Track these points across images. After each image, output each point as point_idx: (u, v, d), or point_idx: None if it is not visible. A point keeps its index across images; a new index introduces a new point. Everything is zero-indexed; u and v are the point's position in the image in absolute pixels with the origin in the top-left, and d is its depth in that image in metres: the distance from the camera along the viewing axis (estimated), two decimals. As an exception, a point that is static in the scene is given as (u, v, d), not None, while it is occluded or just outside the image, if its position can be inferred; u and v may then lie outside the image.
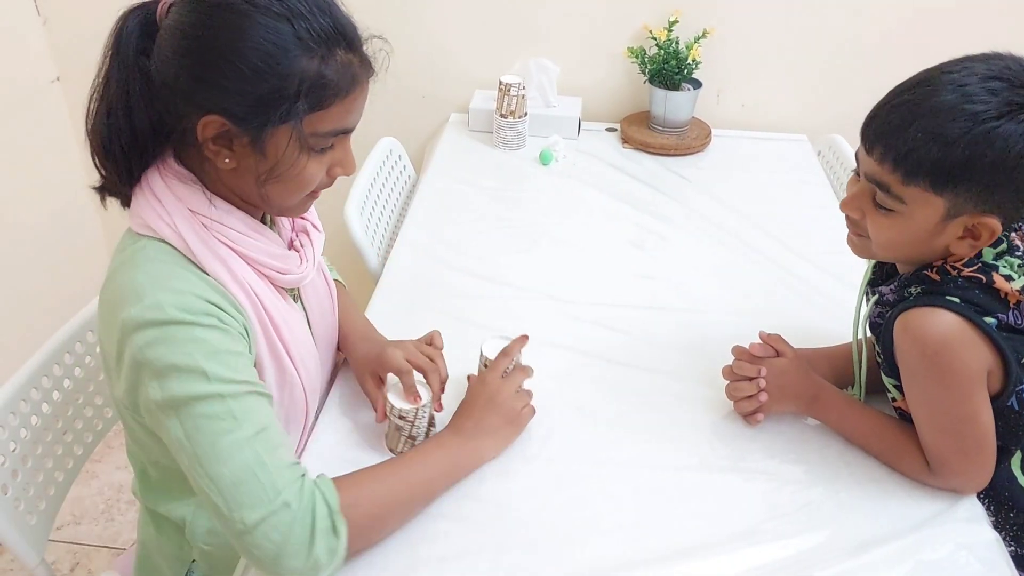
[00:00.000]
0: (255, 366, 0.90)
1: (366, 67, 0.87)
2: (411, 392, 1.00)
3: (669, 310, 1.32)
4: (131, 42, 0.83)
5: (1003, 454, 0.98)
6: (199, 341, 0.80)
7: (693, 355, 1.20)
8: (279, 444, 0.82)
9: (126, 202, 0.89)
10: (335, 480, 0.85)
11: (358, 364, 1.10)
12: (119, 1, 0.86)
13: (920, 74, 0.90)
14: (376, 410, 1.05)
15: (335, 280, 1.22)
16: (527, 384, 1.06)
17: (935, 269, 0.94)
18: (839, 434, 1.06)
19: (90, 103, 0.86)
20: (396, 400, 0.99)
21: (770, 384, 1.05)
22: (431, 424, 1.02)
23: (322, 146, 0.86)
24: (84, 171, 1.96)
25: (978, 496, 1.00)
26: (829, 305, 1.34)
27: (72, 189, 0.79)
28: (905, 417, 1.04)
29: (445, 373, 1.06)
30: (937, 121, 0.85)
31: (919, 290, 0.95)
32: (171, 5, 0.83)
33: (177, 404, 0.79)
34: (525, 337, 1.07)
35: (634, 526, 0.95)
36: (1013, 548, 1.00)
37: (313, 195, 0.92)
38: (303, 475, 0.81)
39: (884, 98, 0.92)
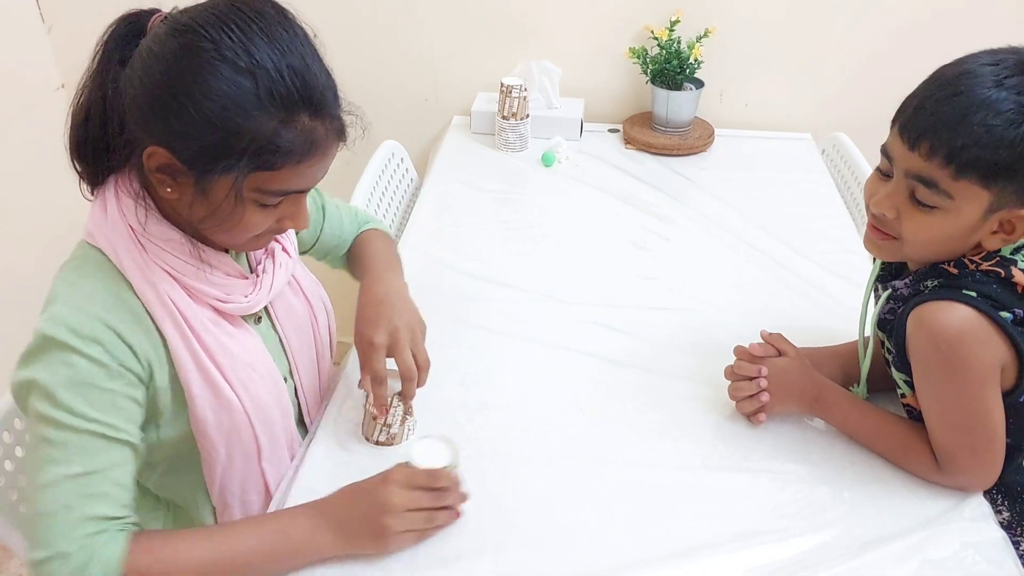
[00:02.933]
0: (187, 392, 0.89)
1: (332, 134, 0.84)
2: (379, 400, 0.98)
3: (672, 311, 1.32)
4: (116, 49, 0.83)
5: (1014, 452, 0.97)
6: (69, 366, 0.80)
7: (696, 355, 1.20)
8: (100, 494, 0.80)
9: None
10: (140, 538, 0.81)
11: (356, 322, 1.04)
12: (123, 8, 0.86)
13: (953, 66, 0.89)
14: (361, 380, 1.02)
15: (372, 228, 1.22)
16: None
17: (953, 262, 0.94)
18: (844, 433, 1.05)
19: (75, 97, 0.86)
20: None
21: (772, 383, 1.04)
22: (408, 413, 1.01)
23: (267, 203, 0.84)
24: (89, 177, 1.98)
25: (991, 494, 1.00)
26: (833, 305, 1.34)
27: (76, 196, 0.79)
28: (913, 415, 1.03)
29: (423, 382, 1.01)
30: (989, 114, 0.84)
31: (935, 283, 0.94)
32: (162, 20, 0.82)
33: (31, 415, 0.81)
34: (464, 496, 0.93)
35: (636, 526, 0.94)
36: None
37: (261, 238, 0.90)
38: (100, 532, 0.79)
39: (922, 91, 0.90)
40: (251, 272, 0.98)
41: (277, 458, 1.01)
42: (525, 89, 1.76)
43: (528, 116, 1.79)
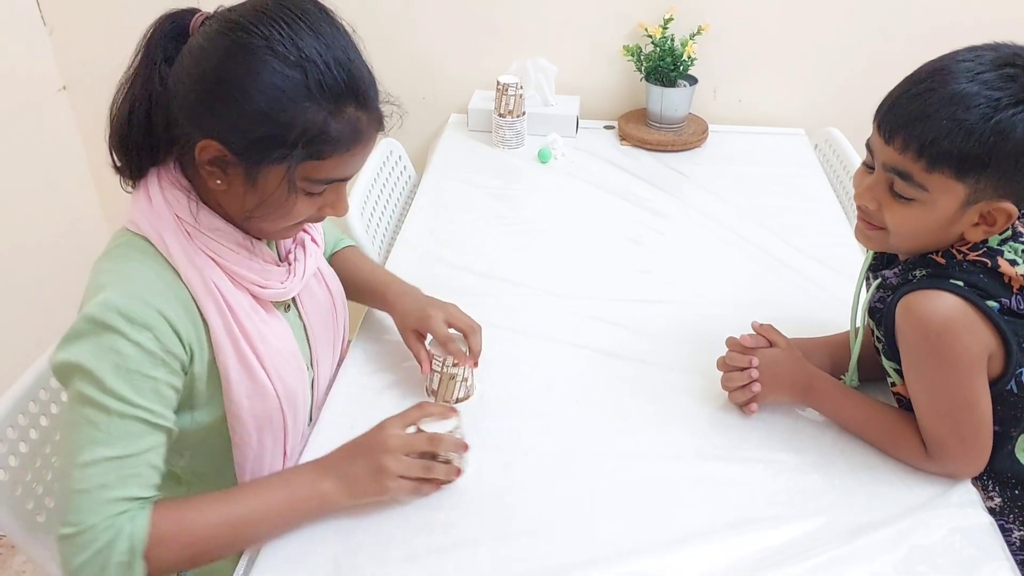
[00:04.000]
0: (224, 377, 0.92)
1: (375, 124, 0.88)
2: (459, 355, 1.06)
3: (666, 304, 1.33)
4: (160, 47, 0.86)
5: (1004, 439, 0.98)
6: (116, 353, 0.82)
7: (690, 347, 1.22)
8: (134, 475, 0.83)
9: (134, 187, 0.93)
10: (160, 509, 0.84)
11: (401, 320, 1.14)
12: (124, 11, 0.89)
13: (933, 63, 0.91)
14: (420, 362, 1.09)
15: (348, 246, 1.26)
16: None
17: (940, 252, 0.95)
18: (834, 422, 1.07)
19: (116, 95, 0.88)
20: (438, 352, 1.07)
21: (764, 374, 1.06)
22: (475, 366, 1.10)
23: (314, 191, 0.88)
24: (91, 179, 2.00)
25: (982, 481, 1.01)
26: (826, 297, 1.35)
27: (79, 197, 0.81)
28: (903, 403, 1.05)
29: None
30: (960, 108, 0.86)
31: (924, 273, 0.96)
32: (205, 19, 0.85)
33: (72, 395, 0.83)
34: (454, 410, 0.97)
35: (631, 515, 0.96)
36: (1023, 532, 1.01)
37: (299, 226, 0.94)
38: (126, 512, 0.82)
39: (899, 87, 0.93)
40: (282, 261, 1.01)
41: (294, 449, 1.04)
42: (521, 87, 1.77)
43: (524, 113, 1.80)
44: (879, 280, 1.02)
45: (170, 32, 0.87)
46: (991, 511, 0.98)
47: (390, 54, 1.94)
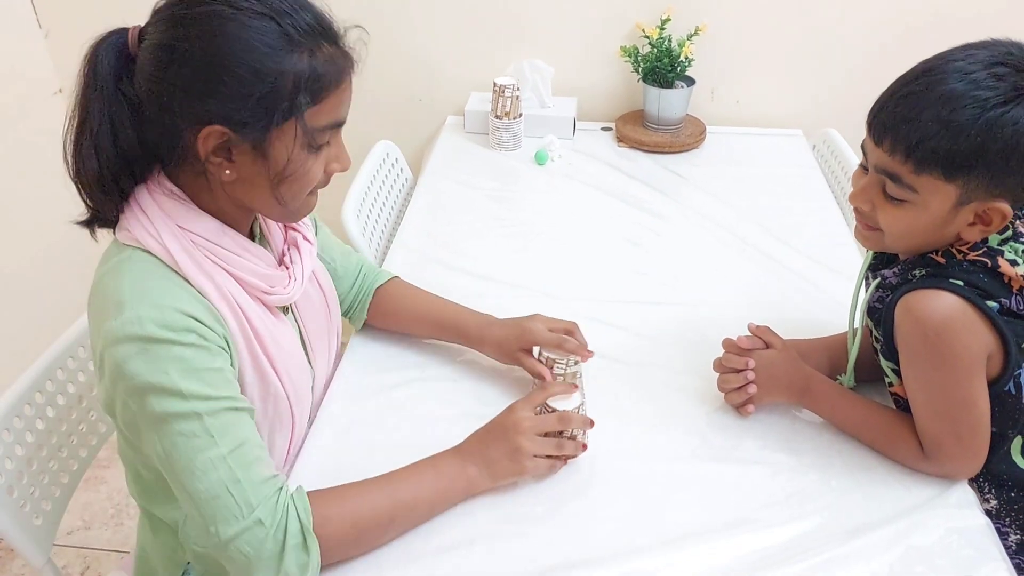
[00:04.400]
0: (237, 379, 0.91)
1: (348, 59, 0.88)
2: (579, 350, 1.08)
3: (664, 305, 1.33)
4: (108, 71, 0.83)
5: (1001, 440, 0.98)
6: (177, 360, 0.81)
7: (688, 348, 1.22)
8: (256, 459, 0.83)
9: (114, 227, 0.90)
10: (316, 493, 0.86)
11: (501, 347, 1.14)
12: (121, 14, 0.88)
13: (924, 63, 0.91)
14: (544, 377, 1.08)
15: (392, 278, 1.25)
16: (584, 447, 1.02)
17: (940, 252, 0.95)
18: (831, 423, 1.07)
19: (66, 137, 0.85)
20: (556, 355, 1.08)
21: (760, 375, 1.06)
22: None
23: (320, 142, 0.87)
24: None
25: (979, 483, 1.01)
26: (824, 298, 1.35)
27: (74, 201, 0.80)
28: (900, 404, 1.05)
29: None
30: (946, 109, 0.85)
31: (923, 272, 0.96)
32: (143, 30, 0.83)
33: (155, 421, 0.81)
34: (576, 387, 1.02)
35: (628, 515, 0.96)
36: (1020, 536, 1.00)
37: (314, 195, 0.93)
38: (280, 489, 0.83)
39: (889, 88, 0.92)
40: (279, 264, 1.01)
41: (295, 449, 1.04)
42: (518, 88, 1.77)
43: (521, 115, 1.80)
44: (878, 280, 1.02)
45: (113, 54, 0.84)
46: (987, 513, 0.98)
47: (386, 55, 1.95)
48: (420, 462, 0.95)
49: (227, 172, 0.85)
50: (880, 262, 1.06)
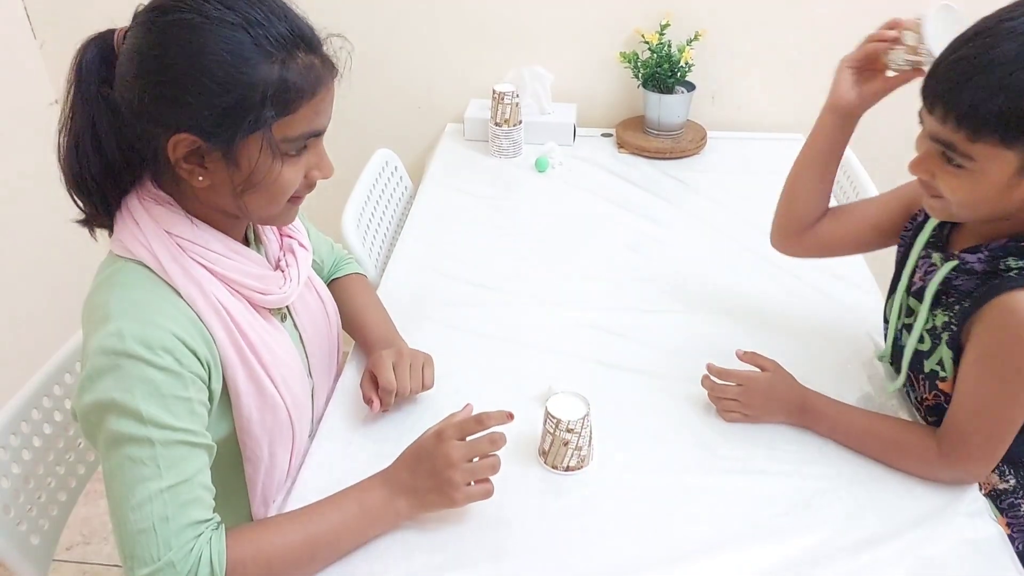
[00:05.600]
0: (233, 391, 0.90)
1: (328, 67, 0.87)
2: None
3: (667, 313, 1.32)
4: (92, 73, 0.83)
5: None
6: (145, 381, 0.80)
7: (691, 357, 1.20)
8: (194, 499, 0.82)
9: (112, 231, 0.90)
10: (234, 533, 0.84)
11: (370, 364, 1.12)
12: (115, 25, 0.87)
13: (978, 24, 0.86)
14: (370, 404, 1.06)
15: (355, 273, 1.24)
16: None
17: None
18: (833, 439, 1.05)
19: (59, 137, 0.86)
20: (561, 412, 0.98)
21: (756, 399, 1.06)
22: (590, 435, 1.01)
23: (294, 151, 0.86)
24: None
25: (997, 465, 0.99)
26: (829, 303, 1.34)
27: (71, 211, 0.80)
28: (928, 405, 1.02)
29: (405, 391, 1.07)
30: (1001, 73, 0.81)
31: (1020, 264, 0.91)
32: (127, 31, 0.83)
33: (109, 438, 0.80)
34: (510, 416, 0.94)
35: (634, 529, 0.94)
36: None
37: (295, 200, 0.92)
38: (199, 536, 0.81)
39: (942, 53, 0.88)
40: (275, 270, 1.00)
41: (297, 462, 1.03)
42: (517, 95, 1.76)
43: (521, 122, 1.79)
44: (954, 262, 0.97)
45: (97, 56, 0.84)
46: (1005, 492, 0.97)
47: (385, 63, 1.95)
48: (345, 492, 0.92)
49: (200, 179, 0.85)
50: (938, 239, 1.02)
